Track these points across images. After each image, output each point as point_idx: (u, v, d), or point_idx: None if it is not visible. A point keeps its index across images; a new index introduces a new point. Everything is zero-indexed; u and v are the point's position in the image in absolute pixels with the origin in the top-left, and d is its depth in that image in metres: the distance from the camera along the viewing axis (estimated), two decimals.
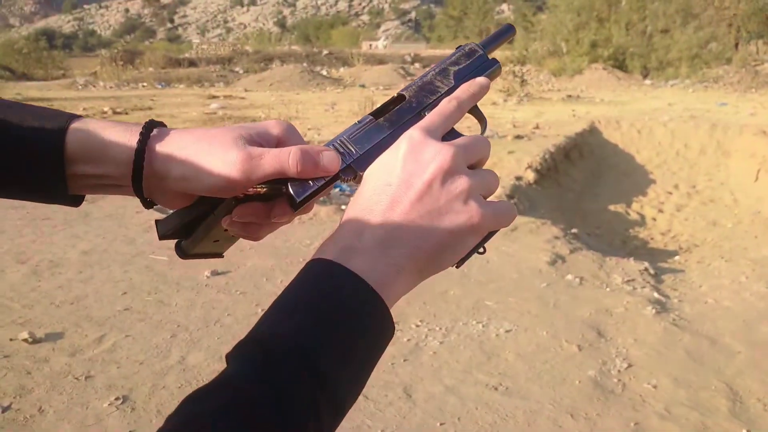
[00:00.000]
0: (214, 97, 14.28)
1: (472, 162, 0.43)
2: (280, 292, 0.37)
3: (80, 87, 17.87)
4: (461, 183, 0.40)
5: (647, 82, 19.52)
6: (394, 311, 0.38)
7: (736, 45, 28.55)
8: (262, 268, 3.50)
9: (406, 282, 0.40)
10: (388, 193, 0.40)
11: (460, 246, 0.41)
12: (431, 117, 0.44)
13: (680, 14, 22.71)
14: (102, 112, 10.71)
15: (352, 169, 0.44)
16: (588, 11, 22.67)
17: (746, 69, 19.58)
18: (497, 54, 0.59)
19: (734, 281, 3.50)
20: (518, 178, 6.18)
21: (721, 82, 18.41)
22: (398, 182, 0.40)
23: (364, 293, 0.37)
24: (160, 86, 18.46)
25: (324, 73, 22.39)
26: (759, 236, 5.46)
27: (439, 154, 0.40)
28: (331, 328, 0.34)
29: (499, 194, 5.43)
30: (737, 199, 6.89)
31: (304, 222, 4.52)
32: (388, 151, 0.43)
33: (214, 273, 3.40)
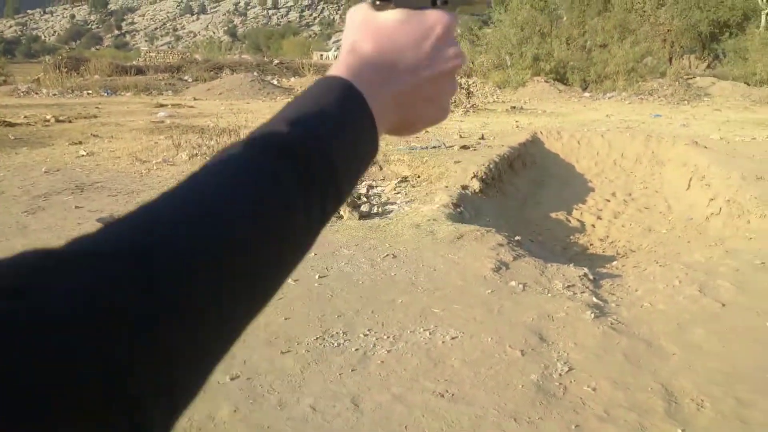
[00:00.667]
0: (162, 105, 13.97)
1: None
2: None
3: (22, 94, 17.18)
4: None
5: (586, 94, 20.23)
6: (343, 321, 0.41)
7: (670, 59, 29.98)
8: None
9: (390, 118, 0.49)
10: (411, 49, 0.49)
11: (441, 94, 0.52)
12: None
13: (617, 30, 23.67)
14: (44, 120, 10.32)
15: None
16: (531, 26, 23.35)
17: (679, 82, 20.58)
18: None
19: (668, 285, 3.67)
20: (464, 188, 6.29)
21: (655, 94, 19.27)
22: (419, 51, 0.49)
23: (369, 118, 0.44)
24: (105, 94, 17.94)
25: (275, 82, 22.23)
26: (691, 241, 5.74)
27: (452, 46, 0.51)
28: (344, 135, 0.42)
29: (446, 202, 5.52)
30: (671, 206, 7.22)
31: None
32: (421, 15, 0.50)
33: None
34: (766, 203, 5.42)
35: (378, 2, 0.49)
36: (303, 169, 0.39)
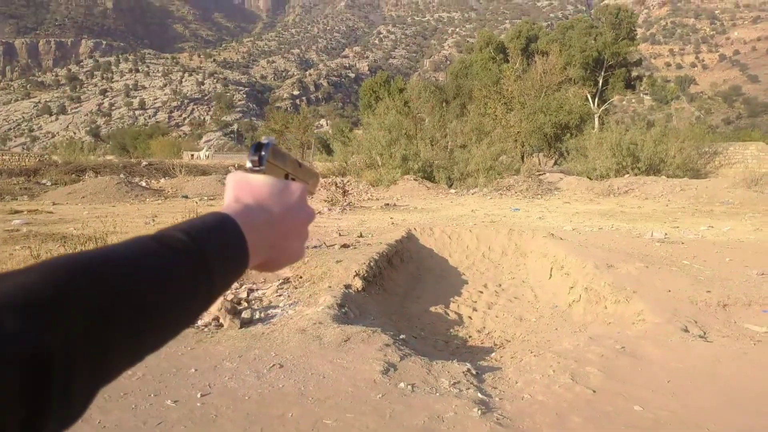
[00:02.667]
0: (16, 211, 12.89)
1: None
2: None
3: None
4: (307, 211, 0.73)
5: (452, 191, 21.61)
6: None
7: (522, 158, 33.12)
8: None
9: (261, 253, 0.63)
10: (276, 201, 0.66)
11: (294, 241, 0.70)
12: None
13: (474, 132, 25.90)
14: None
15: (266, 161, 0.66)
16: (398, 129, 24.91)
17: (532, 178, 22.67)
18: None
19: (544, 375, 3.88)
20: (347, 287, 6.35)
21: (512, 189, 21.03)
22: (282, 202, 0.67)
23: (244, 246, 0.58)
24: None
25: (143, 184, 21.45)
26: (558, 328, 6.15)
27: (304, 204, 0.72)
28: (224, 253, 0.55)
29: (330, 303, 5.52)
30: (537, 294, 7.75)
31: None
32: (285, 182, 0.69)
33: None
34: (619, 289, 6.00)
35: (255, 169, 0.65)
36: (186, 257, 0.50)
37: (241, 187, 0.65)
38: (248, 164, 0.65)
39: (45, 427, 0.37)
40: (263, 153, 0.65)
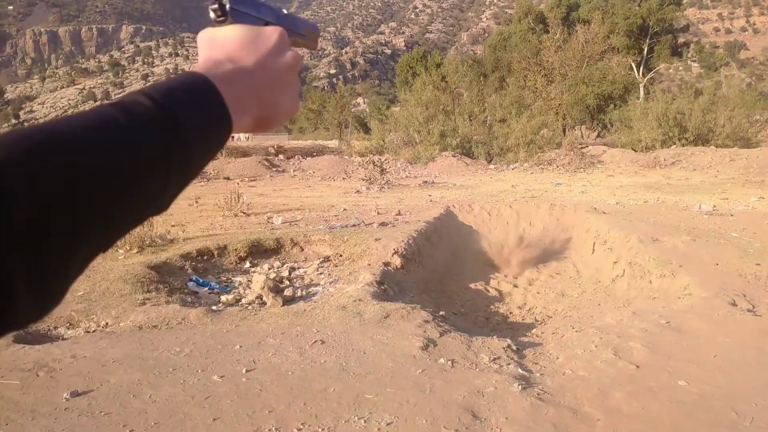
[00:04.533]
0: None
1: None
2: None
3: None
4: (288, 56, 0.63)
5: (492, 166, 21.36)
6: (274, 416, 0.44)
7: (564, 131, 32.41)
8: (128, 383, 3.27)
9: (247, 104, 0.58)
10: (248, 49, 0.59)
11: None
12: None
13: (514, 106, 25.46)
14: None
15: (230, 9, 0.59)
16: (435, 105, 24.67)
17: (574, 152, 22.19)
18: None
19: (585, 350, 3.85)
20: (386, 264, 6.39)
21: (554, 164, 20.64)
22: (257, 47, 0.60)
23: (219, 100, 0.53)
24: None
25: None
26: (601, 304, 6.07)
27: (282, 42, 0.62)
28: (198, 113, 0.50)
29: (370, 281, 5.58)
30: (579, 270, 7.64)
31: (172, 327, 4.31)
32: (258, 29, 0.61)
33: (74, 394, 3.12)
34: (664, 264, 5.87)
35: (218, 20, 0.59)
36: (151, 126, 0.45)
37: (210, 45, 0.59)
38: (211, 15, 0.59)
39: (11, 322, 0.37)
40: (224, 1, 0.59)
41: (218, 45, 0.59)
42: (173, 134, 0.47)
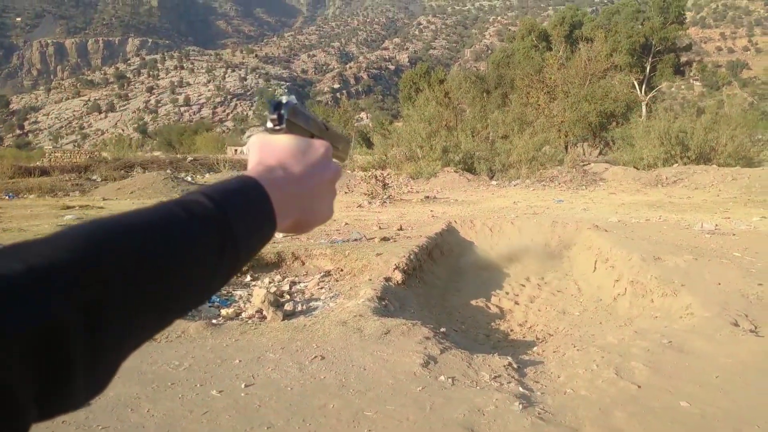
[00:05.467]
0: (68, 207, 13.40)
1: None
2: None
3: None
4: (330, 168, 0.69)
5: (494, 182, 21.40)
6: None
7: (566, 148, 32.48)
8: (126, 397, 3.26)
9: (291, 212, 0.63)
10: (298, 159, 0.65)
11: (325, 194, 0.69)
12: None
13: (516, 123, 25.54)
14: None
15: (286, 120, 0.65)
16: (438, 120, 24.80)
17: (576, 169, 22.24)
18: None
19: (587, 369, 3.82)
20: (387, 279, 6.37)
21: (556, 181, 20.68)
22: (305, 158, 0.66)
23: (269, 206, 0.58)
24: (7, 197, 17.00)
25: (189, 179, 22.01)
26: (603, 322, 6.04)
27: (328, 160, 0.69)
28: (248, 216, 0.55)
29: (370, 296, 5.56)
30: (581, 288, 7.61)
31: (172, 340, 4.30)
32: (308, 140, 0.68)
33: None
34: (666, 282, 5.85)
35: (275, 129, 0.64)
36: (209, 223, 0.50)
37: (262, 149, 0.65)
38: (268, 124, 0.65)
39: (68, 398, 0.38)
40: (283, 112, 0.64)
41: (271, 151, 0.64)
42: (227, 234, 0.52)
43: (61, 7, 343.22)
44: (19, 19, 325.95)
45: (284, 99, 0.66)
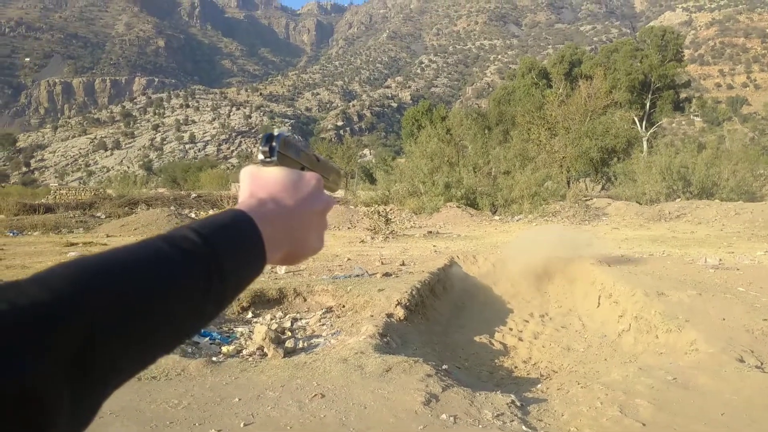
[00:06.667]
0: (72, 244, 13.43)
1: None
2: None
3: None
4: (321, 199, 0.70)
5: (496, 217, 21.41)
6: None
7: (568, 183, 32.60)
8: None
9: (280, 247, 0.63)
10: (289, 192, 0.65)
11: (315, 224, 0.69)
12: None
13: (518, 158, 25.69)
14: None
15: (277, 152, 0.65)
16: (440, 157, 24.97)
17: (578, 204, 22.28)
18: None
19: (591, 407, 3.77)
20: (389, 315, 6.33)
21: (559, 216, 20.69)
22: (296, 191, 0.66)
23: (259, 240, 0.58)
24: (11, 234, 17.05)
25: (193, 215, 22.09)
26: (607, 359, 5.97)
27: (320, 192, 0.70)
28: (238, 250, 0.55)
29: (372, 333, 5.51)
30: (585, 324, 7.55)
31: (171, 378, 4.26)
32: (299, 173, 0.68)
33: None
34: (671, 318, 5.80)
35: (266, 161, 0.65)
36: (196, 258, 0.50)
37: (254, 181, 0.65)
38: (260, 156, 0.65)
39: None
40: (274, 144, 0.65)
41: (262, 184, 0.65)
42: (215, 269, 0.51)
43: (69, 48, 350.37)
44: (27, 59, 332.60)
45: (276, 131, 0.67)
